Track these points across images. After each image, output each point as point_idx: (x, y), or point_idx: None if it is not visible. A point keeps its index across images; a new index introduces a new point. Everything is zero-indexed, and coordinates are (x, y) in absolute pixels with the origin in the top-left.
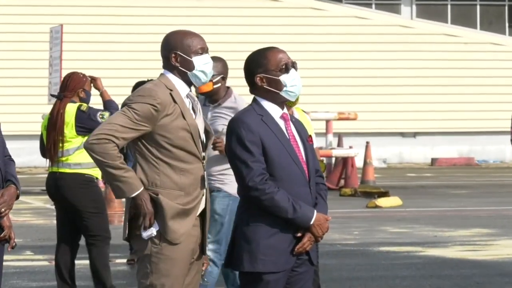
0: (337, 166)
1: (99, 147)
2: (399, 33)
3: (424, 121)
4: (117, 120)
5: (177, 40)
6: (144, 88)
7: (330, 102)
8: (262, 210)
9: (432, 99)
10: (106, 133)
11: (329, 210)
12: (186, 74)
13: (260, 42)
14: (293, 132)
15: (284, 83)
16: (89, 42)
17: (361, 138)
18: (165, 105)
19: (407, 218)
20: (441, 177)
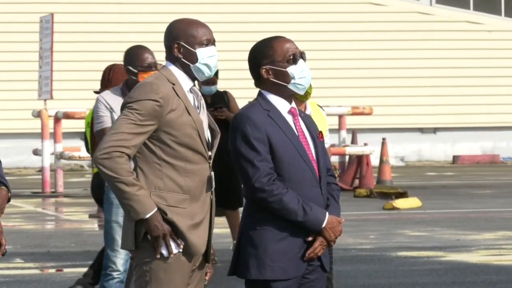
0: (351, 165)
1: (110, 162)
2: (417, 21)
3: (444, 115)
4: (122, 128)
5: (181, 29)
6: (144, 83)
7: (343, 96)
8: (269, 213)
9: (453, 91)
10: (116, 145)
11: (342, 212)
12: (189, 67)
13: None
14: (302, 128)
15: (292, 75)
16: (82, 32)
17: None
18: (168, 99)
19: (427, 220)
20: (464, 176)
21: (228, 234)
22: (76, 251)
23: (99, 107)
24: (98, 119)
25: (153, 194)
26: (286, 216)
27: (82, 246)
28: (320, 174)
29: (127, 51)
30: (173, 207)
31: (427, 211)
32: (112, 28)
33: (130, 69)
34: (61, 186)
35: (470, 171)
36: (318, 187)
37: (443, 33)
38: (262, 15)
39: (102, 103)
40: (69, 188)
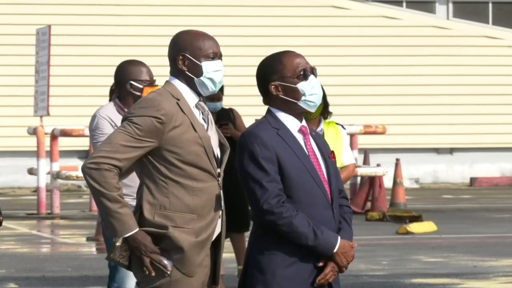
0: (363, 187)
1: (98, 174)
2: (433, 35)
3: (461, 135)
4: (117, 139)
5: (187, 41)
6: (146, 99)
7: (354, 114)
8: (278, 236)
9: (471, 110)
10: (106, 156)
11: (354, 237)
12: (193, 81)
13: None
14: (313, 147)
15: (303, 91)
16: (81, 45)
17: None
18: (171, 116)
19: (443, 245)
20: (482, 199)
21: (233, 259)
22: (73, 275)
23: (103, 124)
24: (103, 136)
25: (158, 214)
26: (296, 240)
27: (79, 270)
28: (332, 196)
29: (125, 66)
30: (179, 228)
31: (443, 236)
32: (112, 41)
33: (134, 84)
34: (58, 207)
35: (488, 194)
36: (329, 210)
37: (460, 49)
38: (271, 28)
39: (105, 119)
40: (65, 209)
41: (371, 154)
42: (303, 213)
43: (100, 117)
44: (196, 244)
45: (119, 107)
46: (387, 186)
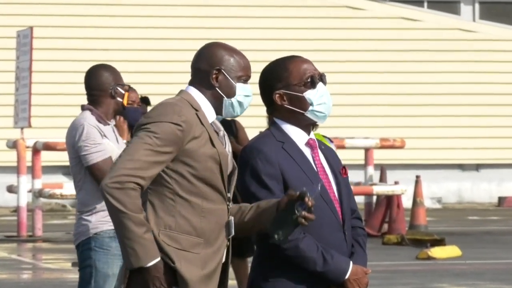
0: (379, 207)
1: (122, 194)
2: (457, 39)
3: (489, 150)
4: (139, 154)
5: (224, 56)
6: (164, 104)
7: (370, 126)
8: (283, 261)
9: (499, 122)
10: (131, 174)
11: (369, 263)
12: (222, 100)
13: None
14: (322, 163)
15: (310, 101)
16: (66, 49)
17: (410, 172)
18: (192, 125)
19: (468, 272)
20: (511, 221)
21: (235, 286)
22: None
23: (94, 134)
24: (97, 147)
25: (162, 233)
26: (303, 265)
27: None
28: (343, 217)
29: (103, 70)
30: (184, 252)
31: (468, 261)
32: (101, 44)
33: (118, 90)
34: (40, 229)
35: None
36: (341, 232)
37: (488, 54)
38: (277, 31)
39: (96, 128)
40: (49, 231)
41: (388, 170)
42: (311, 236)
43: (89, 125)
44: (203, 278)
45: (98, 115)
46: (406, 206)
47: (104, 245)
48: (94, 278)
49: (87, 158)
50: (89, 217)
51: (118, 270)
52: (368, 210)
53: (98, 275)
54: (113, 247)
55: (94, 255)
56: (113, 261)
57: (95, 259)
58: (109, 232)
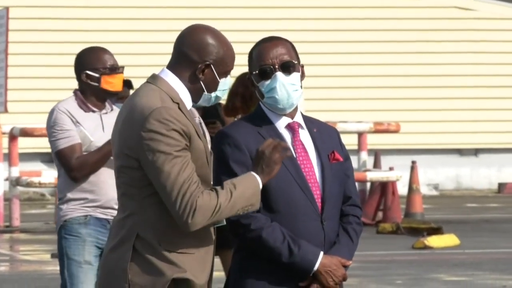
0: (373, 194)
1: (201, 212)
2: (456, 17)
3: (488, 134)
4: (173, 175)
5: (216, 49)
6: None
7: (363, 109)
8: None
9: (498, 104)
10: (190, 195)
11: (363, 252)
12: (202, 93)
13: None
14: (304, 146)
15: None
16: (44, 30)
17: (405, 157)
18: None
19: (467, 262)
20: (511, 209)
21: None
22: None
23: (63, 119)
24: (64, 133)
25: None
26: (269, 256)
27: None
28: (322, 204)
29: (82, 54)
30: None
31: (466, 251)
32: (80, 25)
33: (90, 74)
34: (17, 219)
35: None
36: (317, 220)
37: (487, 33)
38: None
39: (66, 114)
40: (27, 221)
41: (382, 156)
42: (278, 225)
43: (58, 111)
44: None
45: (81, 101)
46: (402, 193)
47: (73, 232)
48: (67, 267)
49: (53, 144)
50: (61, 205)
51: (90, 257)
52: (362, 198)
53: (70, 263)
54: (83, 234)
55: (65, 243)
56: (84, 247)
57: (66, 246)
58: (78, 219)
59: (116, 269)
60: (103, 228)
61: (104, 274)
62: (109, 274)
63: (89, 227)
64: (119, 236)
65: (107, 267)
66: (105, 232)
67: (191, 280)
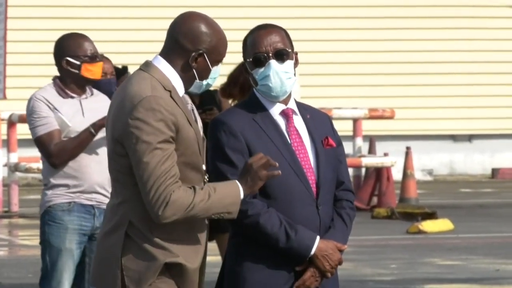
0: (368, 180)
1: (171, 206)
2: (450, 4)
3: (482, 120)
4: (152, 165)
5: (209, 38)
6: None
7: (358, 96)
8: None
9: (493, 91)
10: (164, 189)
11: (358, 237)
12: (193, 80)
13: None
14: (298, 132)
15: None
16: (42, 18)
17: (400, 143)
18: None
19: (460, 246)
20: (505, 194)
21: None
22: (34, 283)
23: (40, 107)
24: (42, 120)
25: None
26: (266, 242)
27: None
28: (318, 190)
29: (63, 41)
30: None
31: (460, 235)
32: (79, 13)
33: (71, 61)
34: (16, 205)
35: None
36: (313, 206)
37: (482, 20)
38: None
39: (43, 102)
40: (25, 206)
41: (377, 141)
42: (275, 210)
43: (35, 99)
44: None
45: (59, 88)
46: (396, 178)
47: (56, 219)
48: (48, 253)
49: (32, 132)
50: (46, 191)
51: (71, 245)
52: (357, 183)
53: (51, 249)
54: (66, 221)
55: (48, 229)
56: (66, 235)
57: (48, 233)
58: (62, 205)
59: (110, 255)
60: (87, 214)
61: (98, 259)
62: (103, 259)
63: (72, 214)
64: (113, 222)
65: (101, 252)
66: (89, 218)
67: (183, 265)
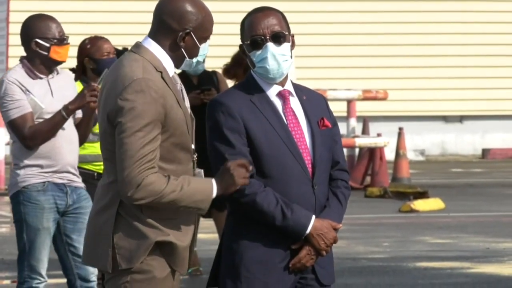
0: (361, 159)
1: (142, 190)
2: None
3: (473, 101)
4: (133, 146)
5: (195, 16)
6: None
7: (352, 78)
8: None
9: (484, 73)
10: (139, 172)
11: (350, 216)
12: (183, 59)
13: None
14: (295, 113)
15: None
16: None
17: (393, 124)
18: (165, 95)
19: (451, 225)
20: (495, 173)
21: (216, 239)
22: None
23: (12, 90)
24: (15, 103)
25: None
26: (262, 220)
27: None
28: (313, 169)
29: (31, 22)
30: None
31: (451, 214)
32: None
33: (40, 43)
34: None
35: (502, 167)
36: (309, 185)
37: (472, 4)
38: None
39: (15, 84)
40: None
41: (370, 122)
42: (271, 189)
43: (8, 81)
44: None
45: (28, 69)
46: (389, 158)
47: (32, 199)
48: (25, 232)
49: (5, 115)
50: (18, 171)
51: (48, 223)
52: (350, 163)
53: (28, 229)
54: (42, 201)
55: (24, 209)
56: (43, 215)
57: (24, 212)
58: (37, 185)
59: (102, 232)
60: (60, 192)
61: (90, 237)
62: (95, 237)
63: (47, 194)
64: (104, 201)
65: (93, 230)
66: (62, 196)
67: (174, 243)
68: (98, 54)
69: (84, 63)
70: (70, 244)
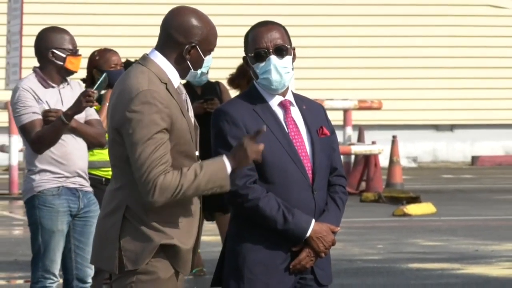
0: (357, 166)
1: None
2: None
3: (463, 111)
4: (145, 154)
5: (200, 30)
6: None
7: (348, 88)
8: (249, 219)
9: (473, 84)
10: (155, 174)
11: (347, 219)
12: (188, 70)
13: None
14: (295, 122)
15: (256, 73)
16: (56, 14)
17: (387, 132)
18: (170, 105)
19: (442, 228)
20: (484, 179)
21: (218, 241)
22: None
23: (25, 96)
24: (27, 109)
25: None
26: (265, 224)
27: None
28: (313, 176)
29: (48, 33)
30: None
31: (442, 218)
32: (89, 9)
33: (57, 53)
34: None
35: (491, 174)
36: (309, 191)
37: (462, 18)
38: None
39: (28, 92)
40: None
41: (366, 131)
42: (273, 195)
43: (22, 89)
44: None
45: (41, 78)
46: (383, 165)
47: (47, 203)
48: (40, 234)
49: (16, 120)
50: (33, 176)
51: (62, 226)
52: (346, 169)
53: (44, 232)
54: (57, 205)
55: (39, 213)
56: (57, 218)
57: (39, 216)
58: (52, 190)
59: (109, 236)
60: (73, 196)
61: (98, 240)
62: (102, 240)
63: (61, 198)
64: (112, 206)
65: (100, 233)
66: (75, 200)
67: (177, 246)
68: (106, 65)
69: (93, 74)
70: (77, 246)
